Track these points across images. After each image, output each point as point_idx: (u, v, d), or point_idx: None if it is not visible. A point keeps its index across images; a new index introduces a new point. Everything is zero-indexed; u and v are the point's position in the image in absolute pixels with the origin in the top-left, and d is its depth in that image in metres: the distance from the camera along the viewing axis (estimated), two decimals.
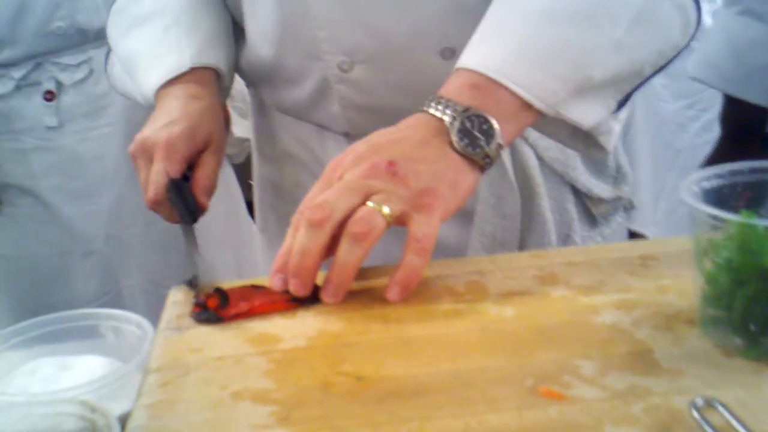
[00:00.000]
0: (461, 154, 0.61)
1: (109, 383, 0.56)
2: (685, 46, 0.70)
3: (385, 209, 0.58)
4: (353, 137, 0.83)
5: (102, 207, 1.40)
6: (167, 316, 0.62)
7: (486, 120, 0.61)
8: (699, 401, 0.45)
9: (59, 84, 1.35)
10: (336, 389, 0.50)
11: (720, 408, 0.44)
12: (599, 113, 0.68)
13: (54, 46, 1.34)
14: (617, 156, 0.91)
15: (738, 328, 0.51)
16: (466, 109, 0.61)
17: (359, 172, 0.60)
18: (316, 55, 0.79)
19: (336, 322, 0.59)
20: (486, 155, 0.62)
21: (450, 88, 0.64)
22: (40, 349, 0.63)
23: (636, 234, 2.37)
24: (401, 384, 0.50)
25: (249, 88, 0.98)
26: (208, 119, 0.78)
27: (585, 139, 0.73)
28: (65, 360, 0.61)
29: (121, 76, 0.89)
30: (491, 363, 0.52)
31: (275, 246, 0.71)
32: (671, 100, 2.36)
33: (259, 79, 0.90)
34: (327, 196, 0.59)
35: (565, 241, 0.87)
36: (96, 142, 1.38)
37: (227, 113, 1.15)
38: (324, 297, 0.61)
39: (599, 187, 0.89)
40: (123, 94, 0.93)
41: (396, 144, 0.62)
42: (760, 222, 0.49)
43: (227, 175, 1.45)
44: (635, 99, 0.71)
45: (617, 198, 0.91)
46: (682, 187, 0.53)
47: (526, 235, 0.85)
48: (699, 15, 0.70)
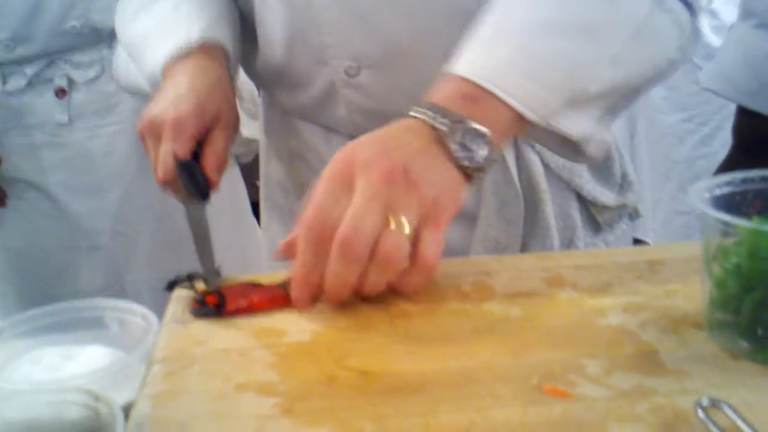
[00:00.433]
0: (458, 165, 0.61)
1: (113, 373, 0.56)
2: (680, 60, 0.70)
3: (407, 230, 0.57)
4: None
5: (109, 203, 1.40)
6: (172, 309, 0.62)
7: (481, 133, 0.61)
8: (704, 401, 0.45)
9: (71, 81, 1.36)
10: (340, 383, 0.50)
11: (726, 408, 0.44)
12: (589, 125, 0.67)
13: (68, 44, 1.34)
14: (623, 164, 0.91)
15: (745, 331, 0.51)
16: (461, 120, 0.60)
17: (376, 177, 0.58)
18: (323, 60, 0.79)
19: (341, 317, 0.59)
20: (479, 168, 0.61)
21: (441, 95, 0.62)
22: (45, 339, 0.63)
23: (639, 241, 2.37)
24: (406, 379, 0.50)
25: (259, 89, 0.98)
26: (216, 94, 0.76)
27: (574, 147, 0.72)
28: (70, 349, 0.62)
29: (126, 66, 0.88)
30: (497, 361, 0.52)
31: None
32: (670, 112, 2.36)
33: (269, 81, 0.90)
34: (355, 215, 0.57)
35: (569, 247, 0.87)
36: (105, 139, 1.38)
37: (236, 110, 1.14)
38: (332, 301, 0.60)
39: (605, 195, 0.89)
40: (126, 86, 0.92)
41: (400, 148, 0.60)
42: None
43: (233, 175, 1.45)
44: (637, 110, 0.71)
45: (622, 205, 0.91)
46: (691, 193, 0.53)
47: (528, 240, 0.84)
48: (695, 30, 0.70)
